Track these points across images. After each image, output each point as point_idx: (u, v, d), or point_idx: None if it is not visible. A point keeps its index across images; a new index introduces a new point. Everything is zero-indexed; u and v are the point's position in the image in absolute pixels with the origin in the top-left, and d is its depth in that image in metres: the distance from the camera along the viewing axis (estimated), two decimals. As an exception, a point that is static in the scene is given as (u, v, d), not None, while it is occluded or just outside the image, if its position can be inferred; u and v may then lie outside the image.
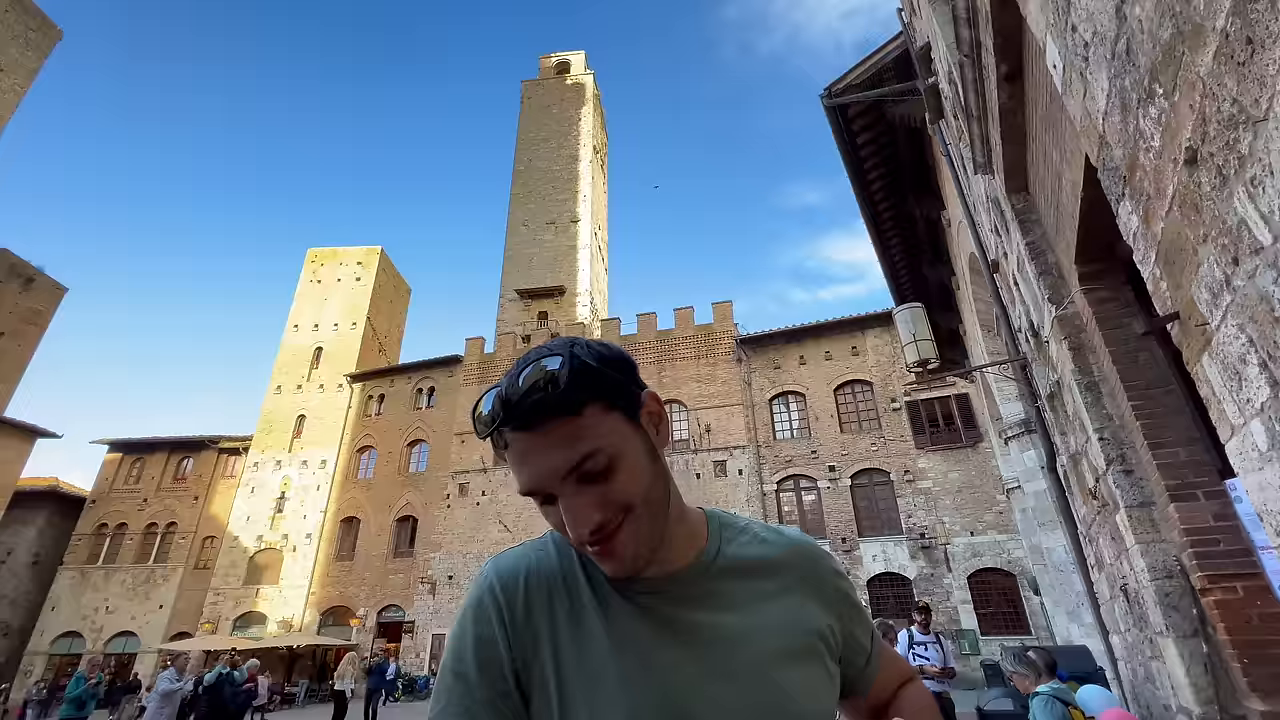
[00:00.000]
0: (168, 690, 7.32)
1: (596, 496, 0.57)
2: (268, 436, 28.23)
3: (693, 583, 0.66)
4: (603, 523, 0.57)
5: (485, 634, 0.62)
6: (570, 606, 0.64)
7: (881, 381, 20.98)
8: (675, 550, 0.66)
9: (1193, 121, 1.09)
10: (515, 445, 0.59)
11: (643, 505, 0.59)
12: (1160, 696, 3.17)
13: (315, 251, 33.97)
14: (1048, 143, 2.74)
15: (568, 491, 0.58)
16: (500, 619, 0.62)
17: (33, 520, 27.33)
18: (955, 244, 7.66)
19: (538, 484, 0.59)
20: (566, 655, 0.61)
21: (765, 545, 0.72)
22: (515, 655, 0.61)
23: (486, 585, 0.65)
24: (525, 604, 0.63)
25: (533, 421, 0.57)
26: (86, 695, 7.82)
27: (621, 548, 0.58)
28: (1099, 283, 2.93)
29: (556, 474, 0.57)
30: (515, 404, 0.57)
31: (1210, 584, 2.38)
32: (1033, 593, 15.43)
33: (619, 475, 0.58)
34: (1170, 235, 1.32)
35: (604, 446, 0.58)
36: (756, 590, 0.68)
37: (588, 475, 0.57)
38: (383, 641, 22.75)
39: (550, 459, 0.57)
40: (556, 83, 40.05)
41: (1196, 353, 1.37)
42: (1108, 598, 4.07)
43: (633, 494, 0.59)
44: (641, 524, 0.59)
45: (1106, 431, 3.04)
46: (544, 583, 0.65)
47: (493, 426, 0.59)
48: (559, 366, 0.57)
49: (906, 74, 6.03)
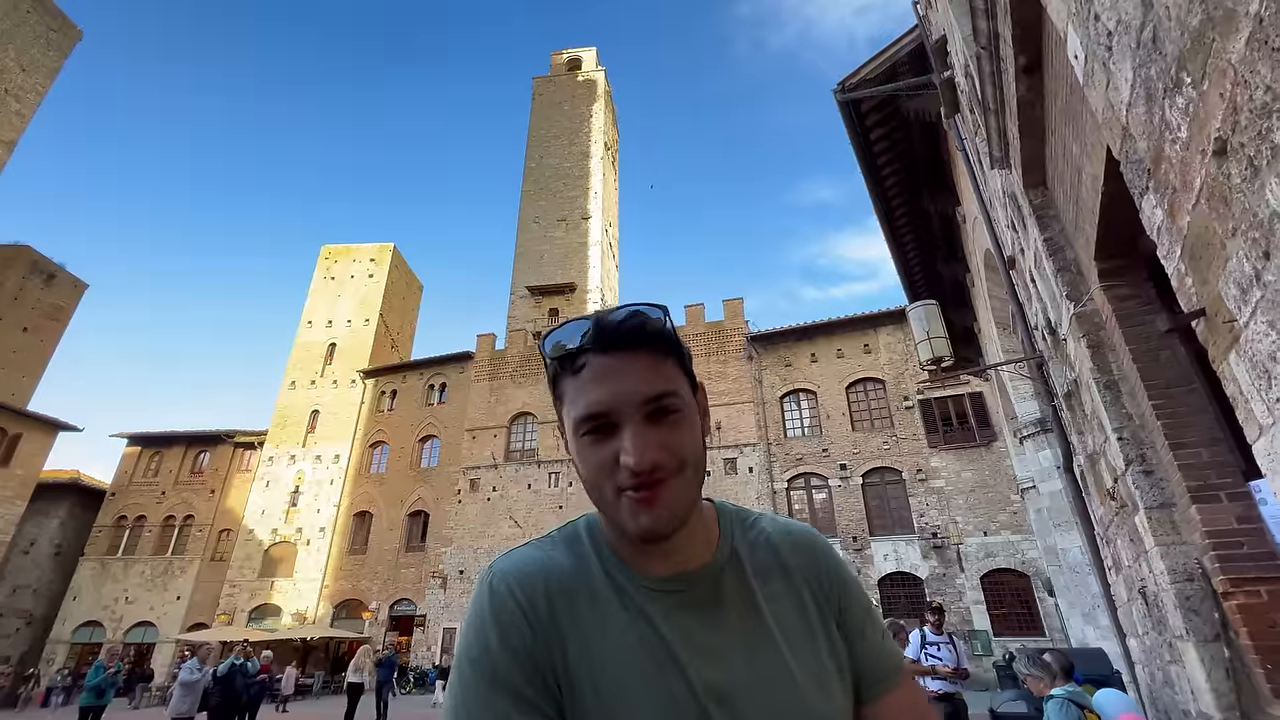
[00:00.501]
0: (188, 680, 7.44)
1: (661, 438, 0.57)
2: (282, 431, 28.59)
3: (708, 583, 0.65)
4: (659, 463, 0.56)
5: (511, 631, 0.58)
6: (593, 608, 0.61)
7: (894, 380, 20.80)
8: (694, 545, 0.65)
9: (1223, 111, 1.05)
10: (596, 367, 0.59)
11: (693, 469, 0.59)
12: (1179, 701, 3.11)
13: (329, 249, 34.28)
14: (1067, 136, 2.69)
15: (635, 421, 0.57)
16: (525, 619, 0.59)
17: (55, 512, 27.91)
18: (970, 240, 7.55)
19: (612, 404, 0.57)
20: (594, 659, 0.59)
21: (775, 542, 0.71)
22: (542, 656, 0.58)
23: (504, 584, 0.61)
24: (548, 605, 0.60)
25: (624, 346, 0.59)
26: (106, 684, 7.99)
27: (668, 497, 0.57)
28: (1119, 279, 2.87)
29: (634, 399, 0.57)
30: (612, 328, 0.59)
31: (1233, 588, 2.33)
32: (1047, 594, 15.26)
33: (683, 429, 0.59)
34: (1197, 229, 1.28)
35: (680, 394, 0.60)
36: (770, 591, 0.67)
37: (659, 413, 0.58)
38: (395, 634, 23.00)
39: (633, 382, 0.58)
40: (568, 79, 40.04)
41: (1223, 350, 1.33)
42: (1125, 600, 4.00)
43: (690, 451, 0.59)
44: (688, 485, 0.59)
45: (1126, 431, 2.98)
46: (564, 584, 0.62)
47: (579, 344, 0.59)
48: (659, 316, 0.61)
49: (921, 68, 5.95)
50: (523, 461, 24.26)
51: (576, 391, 0.59)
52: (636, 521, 0.57)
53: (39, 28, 25.68)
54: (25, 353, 28.39)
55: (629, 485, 0.56)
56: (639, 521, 0.57)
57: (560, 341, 0.61)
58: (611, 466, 0.57)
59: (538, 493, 23.37)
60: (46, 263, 29.63)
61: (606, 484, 0.58)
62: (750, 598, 0.65)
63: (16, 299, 28.20)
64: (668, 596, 0.63)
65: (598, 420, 0.58)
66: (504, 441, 24.84)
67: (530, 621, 0.59)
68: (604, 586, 0.63)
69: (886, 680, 0.68)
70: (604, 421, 0.58)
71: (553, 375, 0.63)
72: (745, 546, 0.69)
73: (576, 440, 0.60)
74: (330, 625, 23.89)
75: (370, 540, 25.37)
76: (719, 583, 0.65)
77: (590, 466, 0.59)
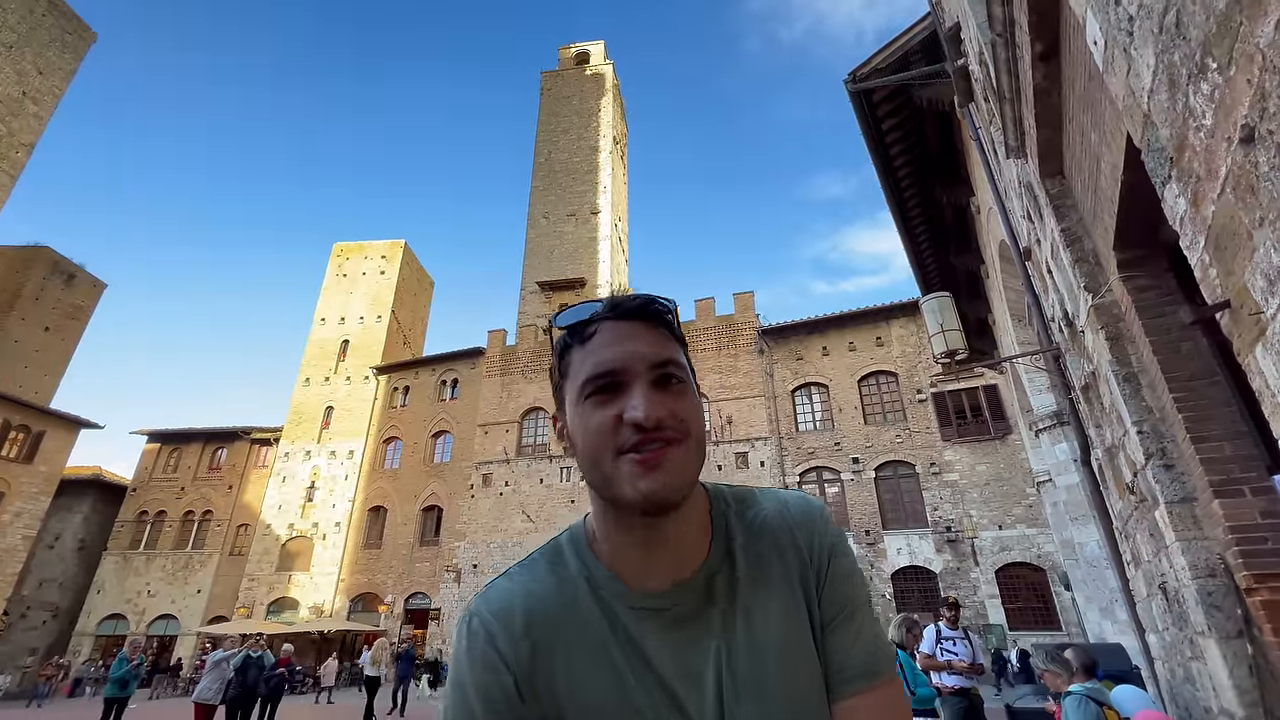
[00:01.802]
0: (218, 659, 7.83)
1: (667, 403, 0.57)
2: (297, 428, 28.95)
3: (700, 592, 0.62)
4: (665, 423, 0.56)
5: (494, 690, 0.57)
6: (581, 637, 0.60)
7: (907, 372, 20.61)
8: (688, 540, 0.62)
9: (1250, 97, 1.02)
10: (608, 332, 0.60)
11: (695, 442, 0.58)
12: (1200, 698, 3.07)
13: (341, 246, 34.56)
14: (1085, 124, 2.63)
15: (644, 381, 0.58)
16: (507, 667, 0.58)
17: (78, 507, 28.52)
18: (984, 231, 7.45)
19: (622, 362, 0.58)
20: (583, 694, 0.57)
21: (773, 524, 0.66)
22: (527, 700, 0.57)
23: (482, 629, 0.60)
24: (530, 646, 0.58)
25: (635, 316, 0.61)
26: (129, 675, 8.15)
27: (671, 463, 0.55)
28: (1139, 270, 2.82)
29: (645, 359, 0.58)
30: (625, 300, 0.62)
31: (1256, 583, 2.29)
32: (1063, 588, 15.11)
33: (688, 399, 0.60)
34: (1222, 219, 1.25)
35: (686, 369, 0.61)
36: (764, 589, 0.63)
37: (665, 380, 0.59)
38: (410, 628, 23.28)
39: (645, 344, 0.59)
40: (576, 73, 39.91)
41: (1249, 343, 1.30)
42: (1145, 595, 3.95)
43: (694, 423, 0.59)
44: (691, 458, 0.58)
45: (1146, 424, 2.93)
46: (548, 615, 0.60)
47: (591, 315, 0.61)
48: (669, 305, 0.64)
49: (934, 56, 5.85)
50: (535, 456, 24.38)
51: (584, 357, 0.60)
52: (636, 486, 0.54)
53: (54, 30, 26.03)
54: (47, 352, 28.97)
55: (632, 445, 0.55)
56: (638, 486, 0.54)
57: (573, 310, 0.63)
58: (613, 427, 0.56)
59: (550, 487, 23.49)
60: (67, 263, 30.16)
61: (606, 448, 0.56)
62: (746, 602, 0.62)
63: (38, 299, 28.76)
64: (661, 615, 0.60)
65: (606, 379, 0.57)
66: (516, 436, 24.97)
67: (511, 667, 0.58)
68: (592, 612, 0.60)
69: (851, 683, 0.60)
70: (612, 380, 0.57)
71: (560, 350, 0.63)
72: (742, 535, 0.65)
73: (578, 407, 0.59)
74: (347, 618, 24.23)
75: (385, 535, 25.67)
76: (712, 589, 0.62)
77: (590, 430, 0.57)
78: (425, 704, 14.84)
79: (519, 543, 22.87)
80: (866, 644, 0.63)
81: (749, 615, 0.62)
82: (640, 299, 0.62)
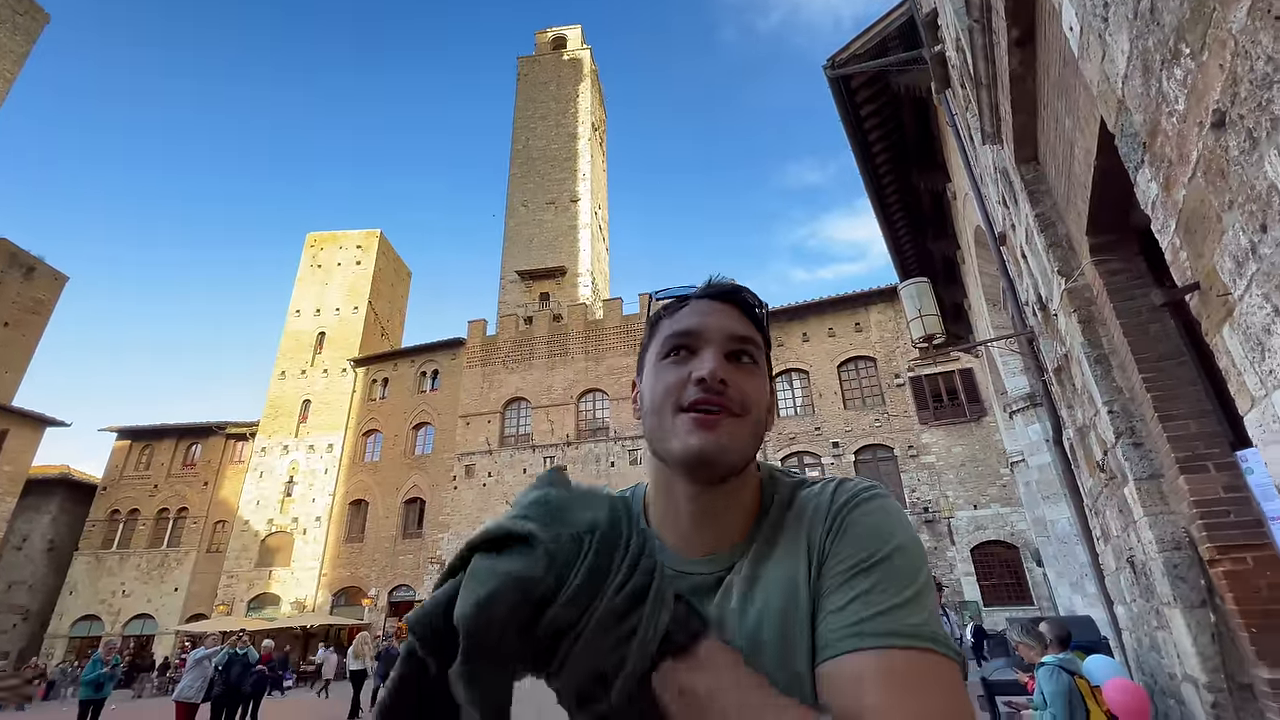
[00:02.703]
0: (199, 657, 7.70)
1: (735, 375, 0.60)
2: (274, 422, 28.43)
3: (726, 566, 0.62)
4: (726, 389, 0.58)
5: None
6: None
7: (885, 357, 20.93)
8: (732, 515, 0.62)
9: (1222, 82, 1.04)
10: (695, 307, 0.64)
11: (754, 421, 0.60)
12: (1165, 665, 3.20)
13: (314, 236, 33.79)
14: (1059, 110, 2.67)
15: (717, 347, 0.61)
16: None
17: (46, 507, 27.72)
18: (961, 217, 7.55)
19: (700, 327, 0.62)
20: None
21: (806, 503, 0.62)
22: None
23: None
24: None
25: (724, 297, 0.65)
26: (104, 678, 7.96)
27: (726, 428, 0.58)
28: (1110, 254, 2.88)
29: (723, 331, 0.62)
30: (719, 284, 0.66)
31: (1219, 554, 2.38)
32: (1035, 564, 15.59)
33: (756, 379, 0.62)
34: (1193, 203, 1.28)
35: (762, 351, 0.64)
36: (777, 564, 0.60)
37: (738, 355, 0.61)
38: (395, 620, 23.18)
39: (725, 320, 0.63)
40: (553, 58, 39.32)
41: (1217, 324, 1.34)
42: (1113, 569, 4.09)
43: (756, 402, 0.61)
44: (745, 429, 0.59)
45: (1116, 404, 3.02)
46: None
47: (684, 293, 0.66)
48: (759, 299, 0.67)
49: (912, 42, 5.88)
50: (517, 446, 24.30)
51: (671, 323, 0.64)
52: (686, 441, 0.57)
53: (5, 11, 24.79)
54: (7, 348, 27.90)
55: (692, 401, 0.58)
56: (689, 441, 0.56)
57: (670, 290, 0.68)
58: (680, 384, 0.59)
59: (533, 477, 23.23)
60: (25, 255, 28.96)
61: (669, 403, 0.59)
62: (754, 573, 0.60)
63: (-5, 293, 27.65)
64: (684, 579, 0.60)
65: (685, 339, 0.62)
66: (498, 427, 24.84)
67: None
68: None
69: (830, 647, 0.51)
70: (689, 342, 0.62)
71: (652, 321, 0.68)
72: (780, 520, 0.62)
73: (655, 366, 0.63)
74: (330, 613, 24.03)
75: (367, 528, 25.43)
76: (735, 564, 0.61)
77: (660, 388, 0.61)
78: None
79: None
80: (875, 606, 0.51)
81: (754, 587, 0.61)
82: (732, 284, 0.66)
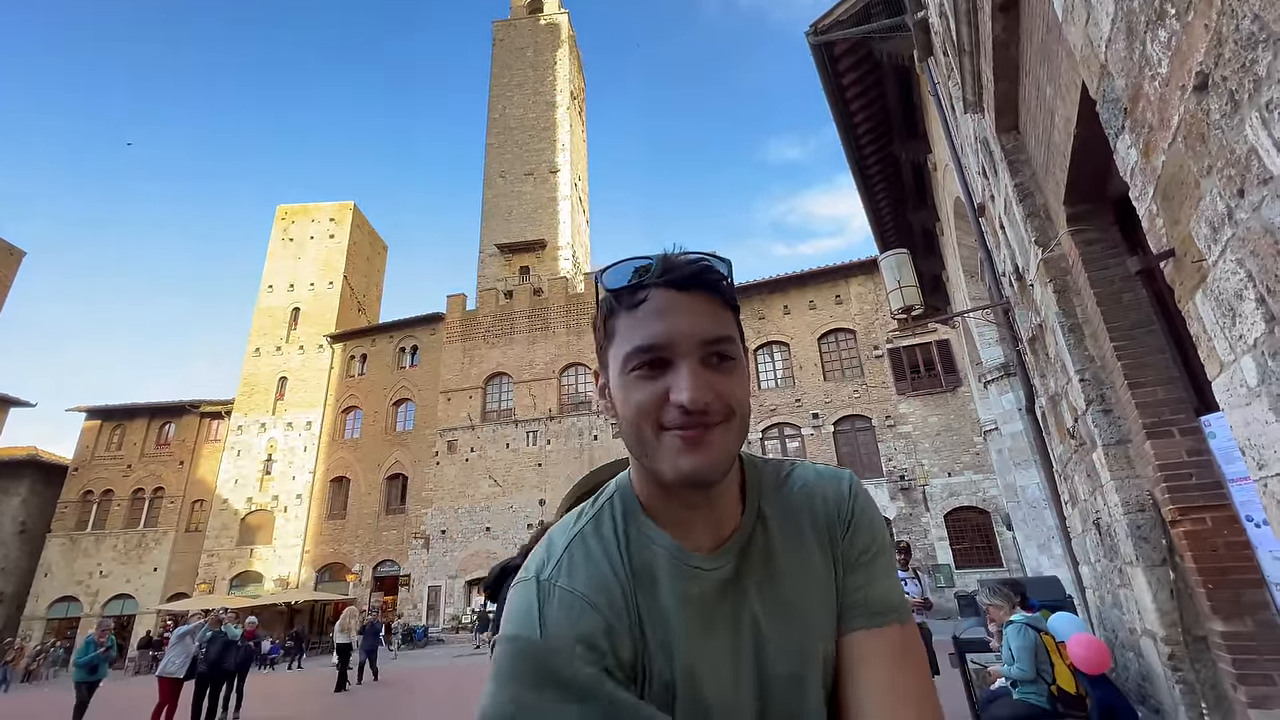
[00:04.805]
0: (183, 633, 7.64)
1: (715, 382, 0.55)
2: (249, 399, 27.93)
3: (737, 556, 0.62)
4: (711, 406, 0.54)
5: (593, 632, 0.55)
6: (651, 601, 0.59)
7: (864, 330, 21.16)
8: (726, 506, 0.62)
9: (1206, 43, 1.03)
10: (658, 301, 0.57)
11: (740, 420, 0.57)
12: (1126, 621, 3.35)
13: (285, 208, 32.74)
14: (1041, 77, 2.65)
15: (692, 360, 0.55)
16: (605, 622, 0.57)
17: (15, 490, 27.08)
18: (941, 188, 7.57)
19: (670, 338, 0.55)
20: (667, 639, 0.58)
21: (807, 493, 0.66)
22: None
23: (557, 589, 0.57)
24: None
25: (689, 286, 0.57)
26: (99, 659, 7.80)
27: (715, 442, 0.55)
28: (1087, 224, 2.91)
29: (694, 337, 0.56)
30: (679, 265, 0.58)
31: (1180, 515, 2.48)
32: (1005, 528, 16.14)
33: (736, 377, 0.57)
34: (1172, 168, 1.28)
35: (737, 344, 0.59)
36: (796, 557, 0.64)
37: (714, 358, 0.56)
38: (380, 595, 23.31)
39: (695, 322, 0.56)
40: (529, 23, 38.05)
41: (1190, 290, 1.35)
42: (1079, 531, 4.24)
43: (740, 402, 0.57)
44: (734, 436, 0.56)
45: (1088, 373, 3.09)
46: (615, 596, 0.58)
47: (642, 277, 0.57)
48: (724, 267, 0.60)
49: (895, 8, 5.79)
50: (500, 421, 24.25)
51: (633, 326, 0.57)
52: (677, 464, 0.54)
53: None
54: (-37, 326, 26.82)
55: (676, 424, 0.54)
56: (679, 464, 0.54)
57: (620, 274, 0.59)
58: (658, 404, 0.55)
59: (516, 451, 23.48)
60: (-24, 229, 27.70)
61: (648, 424, 0.55)
62: (776, 565, 0.63)
63: (-53, 269, 26.47)
64: (707, 576, 0.60)
65: (653, 354, 0.55)
66: (480, 402, 24.72)
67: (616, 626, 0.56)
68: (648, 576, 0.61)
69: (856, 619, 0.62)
70: (659, 356, 0.55)
71: (606, 311, 0.60)
72: (775, 507, 0.65)
73: (622, 376, 0.57)
74: (314, 589, 24.07)
75: (349, 504, 25.33)
76: (747, 553, 0.62)
77: (633, 404, 0.56)
78: (400, 662, 15.08)
79: (486, 507, 22.94)
80: (879, 588, 0.63)
81: (779, 578, 0.62)
82: (693, 265, 0.58)
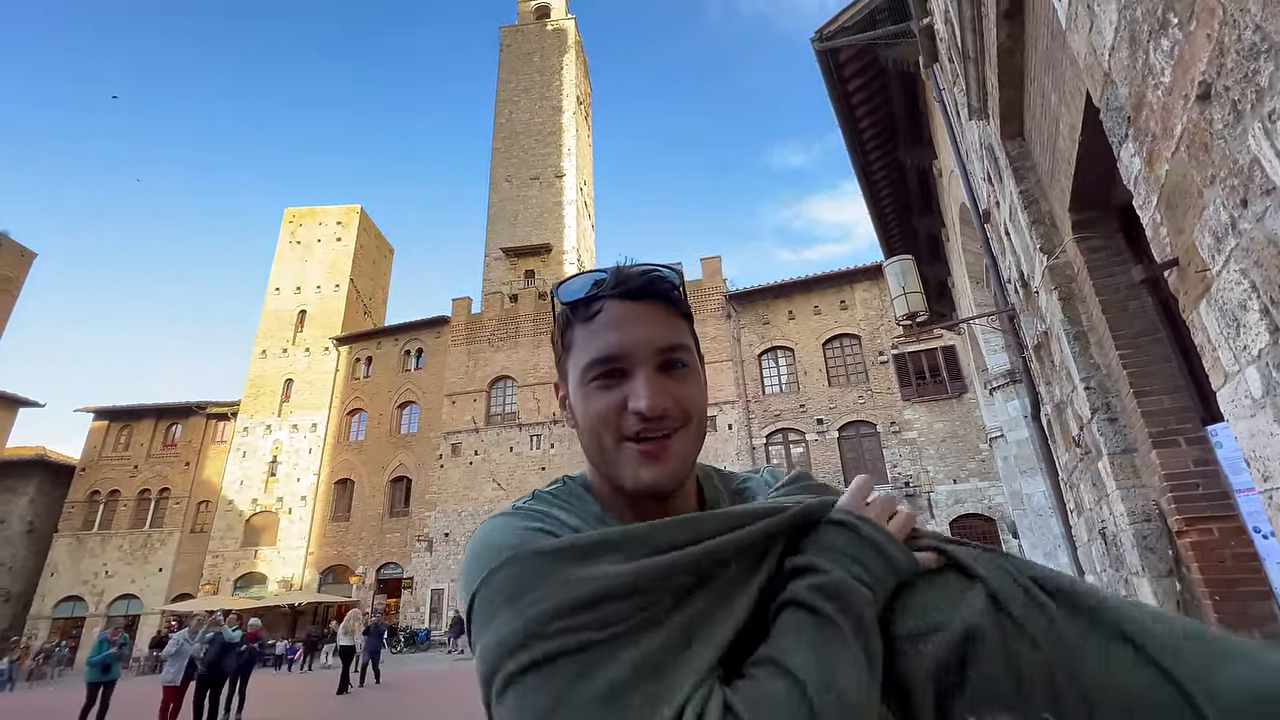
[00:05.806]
0: (173, 652, 7.61)
1: (671, 389, 0.56)
2: (255, 401, 28.07)
3: None
4: (669, 412, 0.55)
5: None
6: None
7: (869, 335, 21.10)
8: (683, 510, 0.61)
9: (1209, 53, 1.03)
10: (612, 313, 0.58)
11: (697, 425, 0.58)
12: (1132, 632, 3.31)
13: (292, 211, 32.99)
14: (1046, 85, 2.65)
15: (648, 368, 0.56)
16: None
17: (23, 489, 27.29)
18: (946, 194, 7.55)
19: (624, 349, 0.56)
20: None
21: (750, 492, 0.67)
22: None
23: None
24: None
25: (642, 296, 0.59)
26: (111, 658, 7.80)
27: (675, 449, 0.55)
28: (1092, 231, 2.90)
29: (648, 346, 0.57)
30: (631, 277, 0.59)
31: (1187, 526, 2.45)
32: (1011, 536, 16.02)
33: (692, 383, 0.58)
34: (1175, 178, 1.28)
35: (692, 350, 0.60)
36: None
37: (670, 365, 0.57)
38: (383, 597, 23.32)
39: (649, 331, 0.57)
40: (536, 28, 38.28)
41: (1194, 300, 1.34)
42: (1085, 540, 4.21)
43: (696, 407, 0.58)
44: (691, 440, 0.57)
45: (1093, 381, 3.06)
46: None
47: (597, 290, 0.59)
48: (674, 276, 0.62)
49: (901, 14, 5.79)
50: (504, 425, 24.28)
51: (589, 337, 0.58)
52: (637, 474, 0.55)
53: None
54: (-26, 327, 27.10)
55: (634, 432, 0.55)
56: (640, 475, 0.54)
57: (575, 288, 0.60)
58: (616, 413, 0.55)
59: (520, 455, 23.50)
60: (-12, 231, 27.98)
61: (608, 432, 0.56)
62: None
63: (-41, 270, 26.73)
64: None
65: (610, 364, 0.56)
66: (484, 405, 24.76)
67: None
68: None
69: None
70: (616, 366, 0.56)
71: (563, 324, 0.61)
72: (727, 502, 0.65)
73: (581, 388, 0.58)
74: (318, 591, 24.11)
75: (353, 507, 25.40)
76: None
77: (592, 414, 0.56)
78: (401, 664, 15.06)
79: (490, 510, 22.84)
80: None
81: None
82: (645, 276, 0.60)
